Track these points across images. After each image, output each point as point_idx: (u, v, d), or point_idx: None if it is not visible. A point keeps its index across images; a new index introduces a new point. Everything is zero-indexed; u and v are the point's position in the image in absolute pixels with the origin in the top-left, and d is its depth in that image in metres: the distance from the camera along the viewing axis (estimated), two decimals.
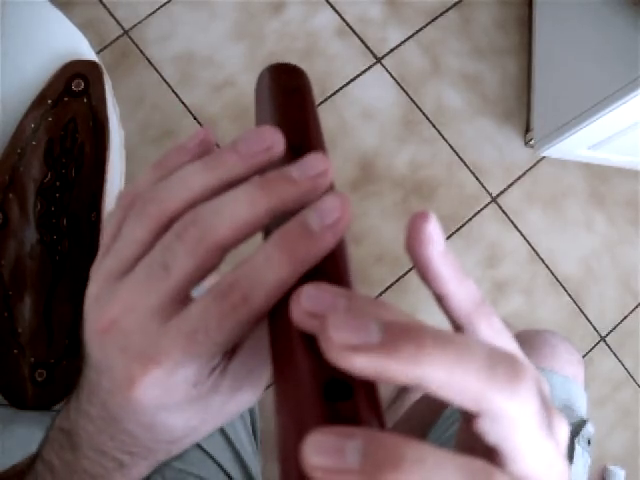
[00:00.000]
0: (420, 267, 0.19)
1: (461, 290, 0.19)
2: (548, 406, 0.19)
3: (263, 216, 0.20)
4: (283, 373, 0.18)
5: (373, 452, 0.13)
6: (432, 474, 0.13)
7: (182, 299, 0.20)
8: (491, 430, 0.16)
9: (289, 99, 0.26)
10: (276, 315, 0.19)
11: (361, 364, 0.15)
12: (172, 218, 0.21)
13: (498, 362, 0.15)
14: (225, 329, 0.19)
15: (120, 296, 0.20)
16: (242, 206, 0.19)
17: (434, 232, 0.19)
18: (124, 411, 0.21)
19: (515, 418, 0.16)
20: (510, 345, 0.20)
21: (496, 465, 0.17)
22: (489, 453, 0.17)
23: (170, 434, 0.23)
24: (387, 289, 1.09)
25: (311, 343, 0.17)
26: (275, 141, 0.21)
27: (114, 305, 0.20)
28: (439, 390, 0.15)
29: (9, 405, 0.53)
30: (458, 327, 0.20)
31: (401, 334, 0.15)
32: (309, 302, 0.17)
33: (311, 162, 0.20)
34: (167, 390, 0.20)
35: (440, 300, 0.20)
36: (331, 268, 0.19)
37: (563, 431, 0.19)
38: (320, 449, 0.14)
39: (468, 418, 0.16)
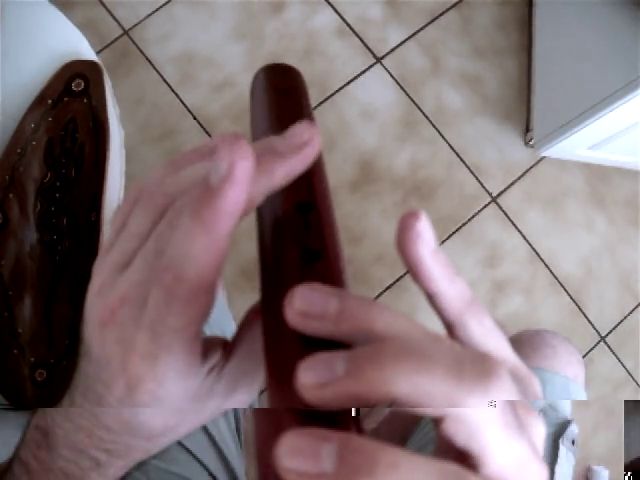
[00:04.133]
0: (411, 266, 0.19)
1: (452, 289, 0.19)
2: (517, 405, 0.18)
3: (256, 196, 0.20)
4: (274, 373, 0.18)
5: (347, 456, 0.13)
6: (406, 479, 0.13)
7: None
8: (457, 432, 0.16)
9: (284, 99, 0.26)
10: (269, 315, 0.20)
11: (330, 397, 0.15)
12: None
13: (465, 364, 0.15)
14: (175, 313, 0.19)
15: (119, 288, 0.20)
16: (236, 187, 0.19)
17: (424, 231, 0.19)
18: (121, 404, 0.21)
19: (476, 418, 0.16)
20: (500, 343, 0.20)
21: (471, 467, 0.17)
22: (464, 455, 0.17)
23: (151, 430, 0.23)
24: (387, 289, 1.09)
25: (305, 343, 0.17)
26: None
27: (113, 297, 0.20)
28: (412, 402, 0.15)
29: (9, 405, 0.53)
30: (449, 325, 0.20)
31: (362, 360, 0.15)
32: (302, 303, 0.17)
33: (295, 132, 0.20)
34: (159, 383, 0.20)
35: (431, 299, 0.20)
36: (324, 268, 0.19)
37: (538, 430, 0.19)
38: (294, 451, 0.14)
39: (435, 422, 0.16)
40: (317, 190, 0.22)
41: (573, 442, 0.57)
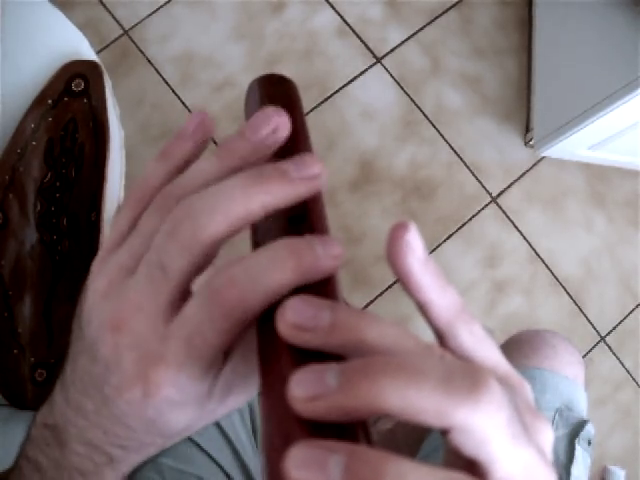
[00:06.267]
0: (401, 276, 0.19)
1: (442, 298, 0.20)
2: (524, 411, 0.19)
3: (257, 212, 0.20)
4: (270, 384, 0.18)
5: (355, 468, 0.14)
6: None
7: (183, 296, 0.21)
8: (464, 443, 0.16)
9: None
10: (264, 326, 0.20)
11: (322, 410, 0.15)
12: None
13: (455, 376, 0.15)
14: (220, 331, 0.19)
15: (128, 296, 0.21)
16: (237, 201, 0.19)
17: (414, 241, 0.19)
18: (131, 406, 0.21)
19: (482, 429, 0.16)
20: (491, 351, 0.20)
21: (479, 475, 0.17)
22: (472, 462, 0.17)
23: (169, 430, 0.23)
24: (387, 289, 1.09)
25: (297, 355, 0.17)
26: (281, 123, 0.21)
27: (124, 304, 0.21)
28: (403, 415, 0.15)
29: (9, 405, 0.53)
30: (440, 335, 0.20)
31: (353, 374, 0.15)
32: (294, 315, 0.17)
33: (307, 162, 0.20)
34: (178, 389, 0.21)
35: (422, 308, 0.20)
36: (320, 281, 0.19)
37: (546, 435, 0.19)
38: (302, 463, 0.14)
39: (443, 433, 0.17)
40: (310, 202, 0.22)
41: (589, 442, 0.57)
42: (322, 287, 0.19)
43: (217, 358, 0.21)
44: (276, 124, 0.21)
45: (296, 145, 0.24)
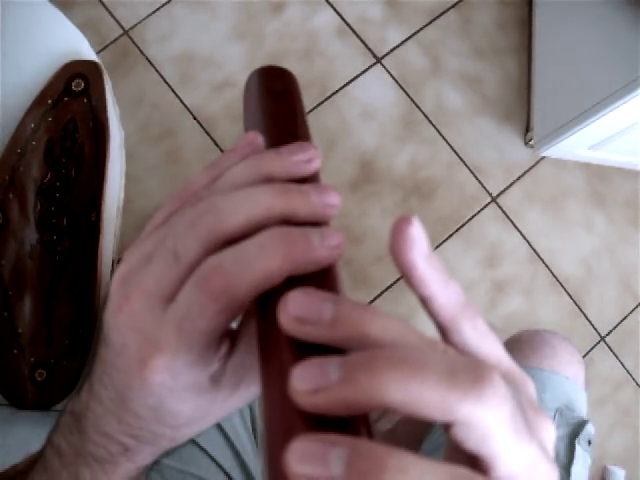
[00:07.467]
0: (404, 270, 0.19)
1: (445, 292, 0.19)
2: (527, 408, 0.18)
3: (274, 219, 0.20)
4: (270, 377, 0.18)
5: (356, 461, 0.14)
6: None
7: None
8: (467, 437, 0.16)
9: (277, 103, 0.26)
10: (264, 318, 0.19)
11: (323, 404, 0.15)
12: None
13: (458, 370, 0.15)
14: (208, 317, 0.20)
15: (140, 280, 0.21)
16: (259, 205, 0.20)
17: (417, 235, 0.19)
18: (134, 392, 0.22)
19: (485, 424, 0.16)
20: (495, 347, 0.20)
21: (481, 470, 0.17)
22: (474, 458, 0.17)
23: (175, 419, 0.23)
24: (387, 289, 1.09)
25: (299, 348, 0.17)
26: (314, 156, 0.23)
27: (132, 287, 0.21)
28: (406, 409, 0.15)
29: (9, 405, 0.53)
30: (443, 330, 0.20)
31: (356, 367, 0.15)
32: (296, 307, 0.17)
33: (329, 192, 0.21)
34: (173, 375, 0.21)
35: (425, 303, 0.20)
36: (320, 274, 0.19)
37: (548, 432, 0.19)
38: (304, 456, 0.14)
39: (445, 428, 0.16)
40: None
41: (589, 442, 0.57)
42: (324, 279, 0.19)
43: (210, 344, 0.21)
44: (311, 156, 0.22)
45: (297, 137, 0.24)
